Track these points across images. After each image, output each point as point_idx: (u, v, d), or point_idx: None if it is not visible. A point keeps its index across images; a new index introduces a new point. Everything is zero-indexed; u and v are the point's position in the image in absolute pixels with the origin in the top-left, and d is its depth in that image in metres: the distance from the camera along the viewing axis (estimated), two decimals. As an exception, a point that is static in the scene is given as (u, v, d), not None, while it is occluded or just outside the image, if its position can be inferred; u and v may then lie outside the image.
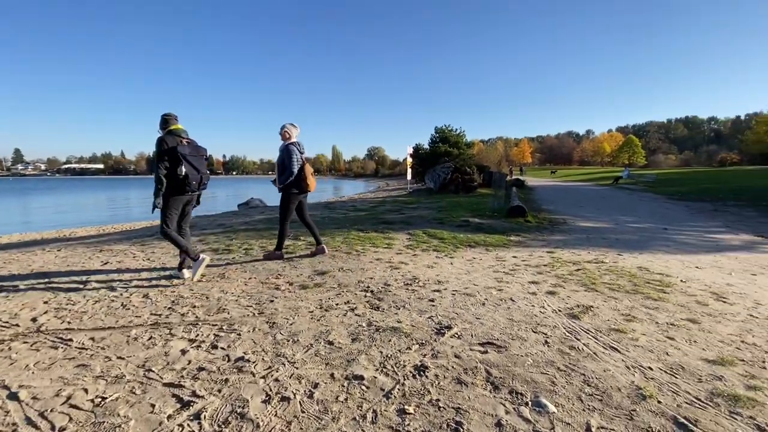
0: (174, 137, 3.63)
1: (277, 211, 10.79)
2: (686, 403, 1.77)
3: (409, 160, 23.18)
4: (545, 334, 2.53)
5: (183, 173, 3.54)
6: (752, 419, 1.65)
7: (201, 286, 3.67)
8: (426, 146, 27.33)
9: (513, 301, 3.19)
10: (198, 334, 2.57)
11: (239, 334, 2.54)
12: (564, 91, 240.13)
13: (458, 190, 17.80)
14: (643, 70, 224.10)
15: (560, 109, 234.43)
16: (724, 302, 3.28)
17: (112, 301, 3.27)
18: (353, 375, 1.99)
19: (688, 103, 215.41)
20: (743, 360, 2.20)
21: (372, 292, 3.38)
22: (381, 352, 2.24)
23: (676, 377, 1.99)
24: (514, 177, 30.22)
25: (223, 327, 2.68)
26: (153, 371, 2.08)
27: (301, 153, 4.46)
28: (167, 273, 4.11)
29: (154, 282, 3.81)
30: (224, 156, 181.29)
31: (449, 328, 2.59)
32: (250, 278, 3.87)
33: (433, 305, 3.04)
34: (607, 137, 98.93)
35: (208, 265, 4.42)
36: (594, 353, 2.24)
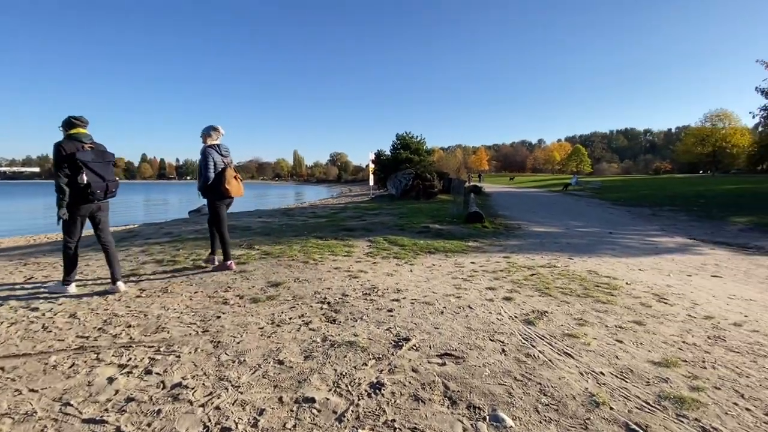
0: (74, 143, 3.34)
1: (230, 219, 10.28)
2: (636, 408, 1.79)
3: (372, 166, 23.22)
4: (502, 342, 2.51)
5: (84, 182, 3.28)
6: (698, 421, 1.70)
7: (140, 302, 3.35)
8: (388, 153, 27.53)
9: (471, 308, 3.18)
10: (130, 358, 2.31)
11: (178, 357, 2.31)
12: (518, 102, 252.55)
13: (419, 196, 18.01)
14: (588, 83, 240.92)
15: (515, 119, 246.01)
16: (665, 303, 3.47)
17: (32, 322, 2.88)
18: (304, 397, 1.85)
19: (628, 115, 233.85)
20: (685, 360, 2.29)
21: (329, 303, 3.24)
22: (335, 370, 2.11)
23: (626, 381, 2.03)
24: (471, 183, 31.11)
25: (161, 348, 2.43)
26: (71, 405, 1.82)
27: (223, 156, 4.25)
28: (102, 288, 3.72)
29: (85, 299, 3.43)
30: (177, 160, 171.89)
31: (407, 339, 2.50)
32: (195, 292, 3.59)
33: (392, 316, 2.95)
34: (557, 146, 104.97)
35: (148, 279, 4.07)
36: (549, 360, 2.25)
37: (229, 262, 4.36)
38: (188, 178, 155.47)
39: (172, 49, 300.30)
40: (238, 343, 2.47)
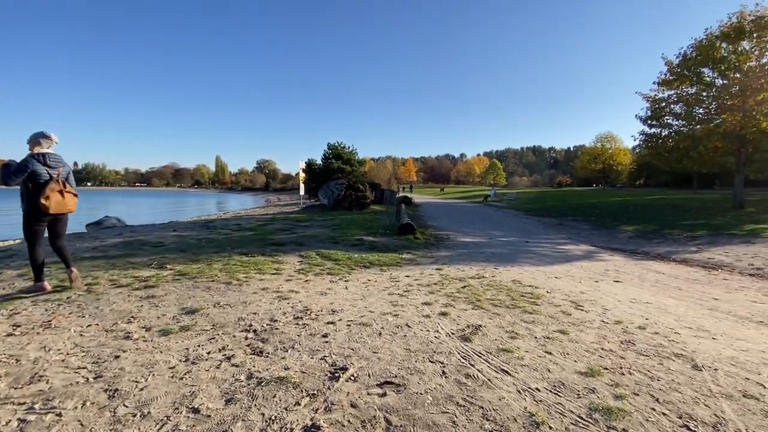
0: None
1: (139, 233, 9.16)
2: (572, 424, 1.83)
3: (302, 175, 22.57)
4: (442, 363, 2.46)
5: None
6: (625, 432, 1.78)
7: (11, 342, 2.69)
8: (319, 162, 27.02)
9: (409, 327, 3.10)
10: (-10, 423, 1.79)
11: (59, 415, 1.85)
12: (442, 120, 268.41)
13: (352, 206, 17.89)
14: (503, 103, 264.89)
15: (439, 133, 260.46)
16: (581, 310, 3.75)
17: None
18: (225, 455, 1.57)
19: (535, 133, 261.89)
20: (606, 368, 2.45)
21: (255, 331, 2.91)
22: (263, 415, 1.84)
23: (559, 396, 2.09)
24: (402, 194, 31.92)
25: (36, 405, 1.93)
26: None
27: (50, 167, 3.80)
28: (-47, 327, 2.93)
29: (-75, 344, 2.66)
30: (76, 164, 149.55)
31: (344, 369, 2.32)
32: (89, 325, 3.00)
33: (327, 342, 2.75)
34: (477, 160, 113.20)
35: (26, 311, 3.32)
36: (489, 380, 2.24)
37: (38, 284, 3.91)
38: (88, 184, 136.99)
39: (81, 45, 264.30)
40: (142, 389, 2.07)
